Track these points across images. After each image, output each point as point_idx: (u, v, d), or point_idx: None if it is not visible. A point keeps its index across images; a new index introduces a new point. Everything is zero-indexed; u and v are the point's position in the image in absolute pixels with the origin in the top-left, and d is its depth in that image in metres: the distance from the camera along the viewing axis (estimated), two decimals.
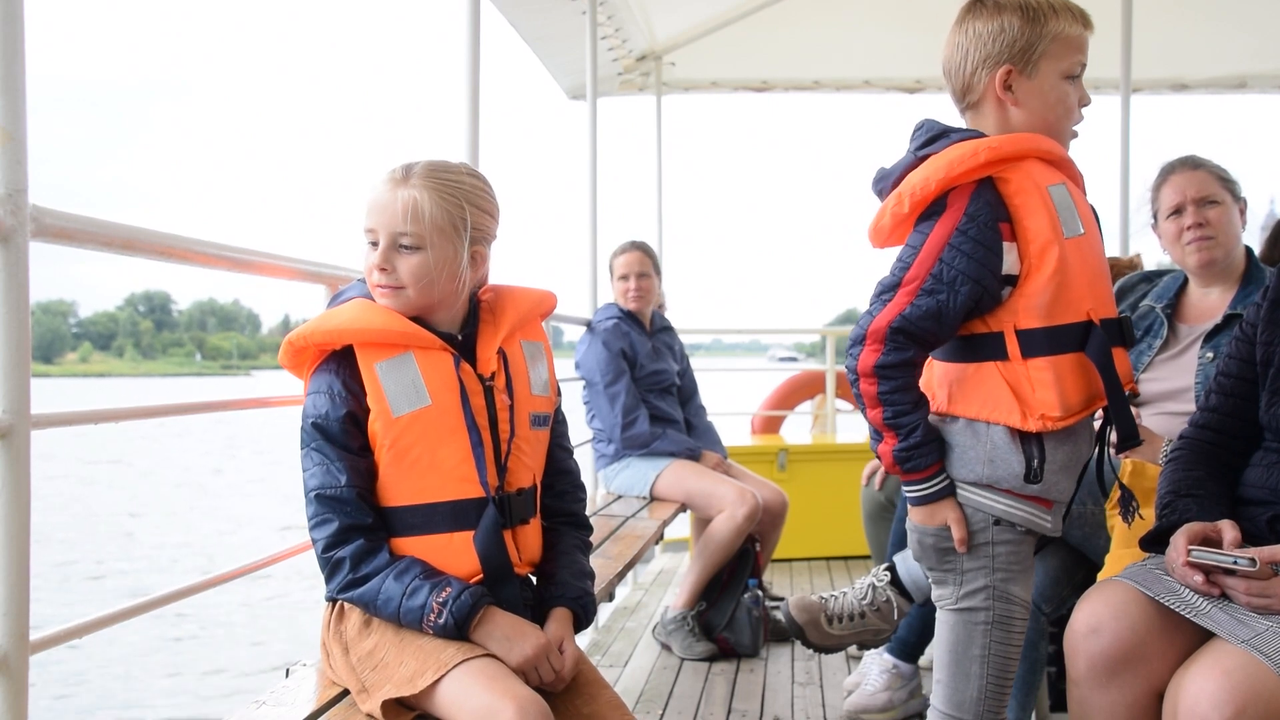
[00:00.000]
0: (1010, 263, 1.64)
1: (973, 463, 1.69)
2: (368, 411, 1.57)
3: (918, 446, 1.66)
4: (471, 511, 1.58)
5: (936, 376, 1.74)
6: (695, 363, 4.31)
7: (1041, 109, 1.69)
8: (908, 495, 1.72)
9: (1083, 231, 1.67)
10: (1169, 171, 2.41)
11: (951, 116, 1.79)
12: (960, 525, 1.69)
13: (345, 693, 1.59)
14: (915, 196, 1.67)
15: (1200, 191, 2.34)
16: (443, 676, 1.46)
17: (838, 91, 5.99)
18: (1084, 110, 1.74)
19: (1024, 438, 1.66)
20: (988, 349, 1.67)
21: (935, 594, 1.78)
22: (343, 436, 1.56)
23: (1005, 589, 1.69)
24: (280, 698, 1.60)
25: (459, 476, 1.58)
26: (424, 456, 1.57)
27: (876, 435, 1.69)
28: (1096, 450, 1.79)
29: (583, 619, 1.68)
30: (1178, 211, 2.36)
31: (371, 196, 1.60)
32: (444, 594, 1.50)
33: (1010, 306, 1.65)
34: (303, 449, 1.58)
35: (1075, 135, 1.77)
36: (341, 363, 1.59)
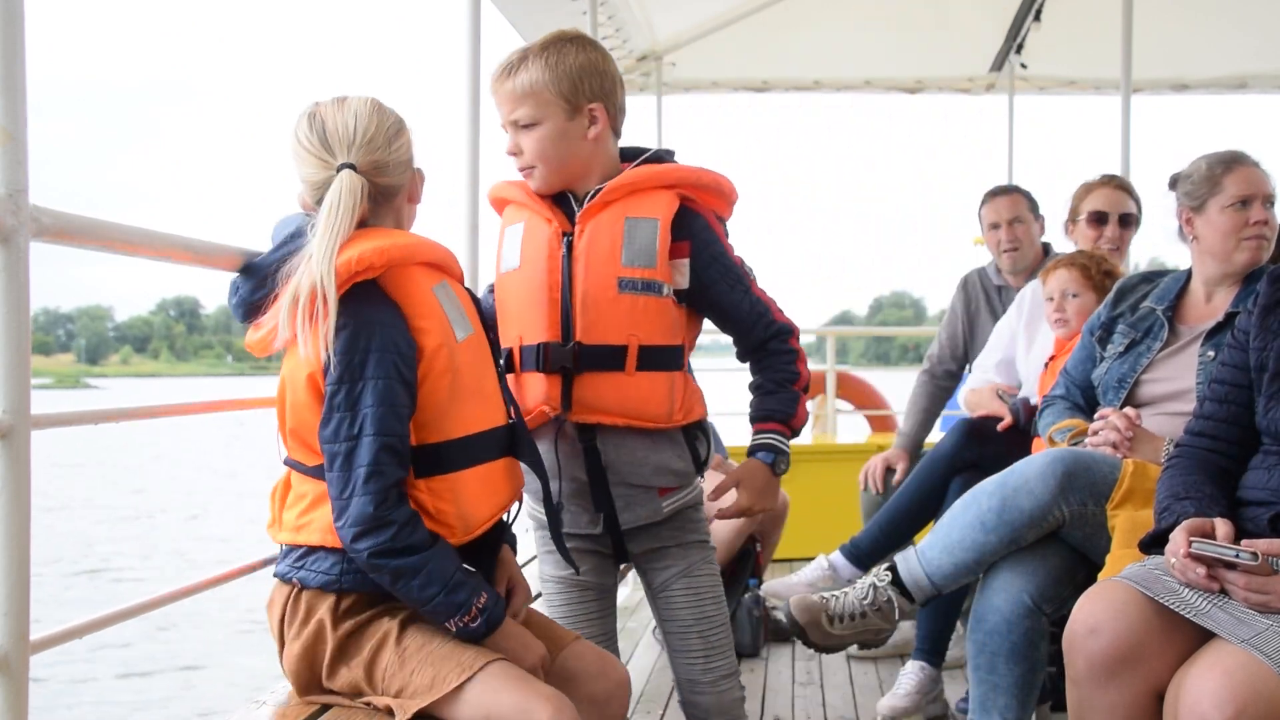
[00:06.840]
0: None
1: None
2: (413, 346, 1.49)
3: None
4: (505, 438, 1.63)
5: None
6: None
7: None
8: None
9: None
10: (1235, 161, 2.28)
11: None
12: None
13: (345, 694, 1.59)
14: None
15: (1268, 190, 2.25)
16: (468, 679, 1.45)
17: (838, 91, 5.98)
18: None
19: None
20: None
21: None
22: (411, 374, 1.47)
23: None
24: (281, 698, 1.60)
25: (497, 403, 1.63)
26: (472, 382, 1.56)
27: None
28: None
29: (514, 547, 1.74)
30: (1244, 203, 2.24)
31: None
32: (483, 599, 1.49)
33: None
34: (361, 381, 1.42)
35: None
36: (377, 294, 1.48)
